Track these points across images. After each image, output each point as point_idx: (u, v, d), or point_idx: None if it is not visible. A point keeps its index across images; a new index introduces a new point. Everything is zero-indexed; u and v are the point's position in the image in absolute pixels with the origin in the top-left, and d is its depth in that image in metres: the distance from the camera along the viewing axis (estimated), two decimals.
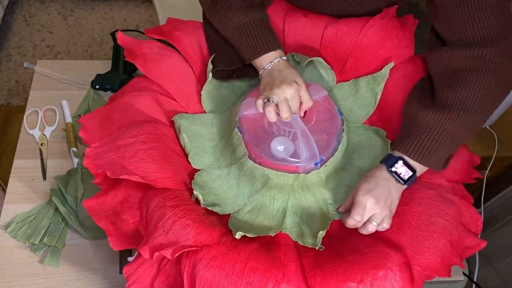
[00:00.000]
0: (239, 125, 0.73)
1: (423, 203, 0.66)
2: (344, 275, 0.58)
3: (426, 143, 0.66)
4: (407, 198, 0.68)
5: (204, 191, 0.70)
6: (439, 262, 0.62)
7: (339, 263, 0.60)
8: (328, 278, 0.58)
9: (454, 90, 0.67)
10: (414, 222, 0.65)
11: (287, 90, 0.67)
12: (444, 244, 0.63)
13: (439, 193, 0.68)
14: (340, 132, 0.74)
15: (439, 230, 0.64)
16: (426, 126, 0.67)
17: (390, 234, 0.65)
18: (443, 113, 0.66)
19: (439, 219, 0.64)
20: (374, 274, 0.57)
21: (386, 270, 0.58)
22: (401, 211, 0.67)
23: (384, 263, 0.58)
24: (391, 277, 0.57)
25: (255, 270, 0.58)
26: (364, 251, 0.61)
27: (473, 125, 0.66)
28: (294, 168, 0.69)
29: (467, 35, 0.67)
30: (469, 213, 0.68)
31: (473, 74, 0.66)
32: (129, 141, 0.66)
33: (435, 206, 0.66)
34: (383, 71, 0.80)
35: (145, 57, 0.79)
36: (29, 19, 2.08)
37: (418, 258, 0.62)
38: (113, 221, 0.65)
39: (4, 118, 1.75)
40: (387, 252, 0.60)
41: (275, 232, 0.68)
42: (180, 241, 0.58)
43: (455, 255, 0.64)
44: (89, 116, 0.74)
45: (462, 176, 0.73)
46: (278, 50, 0.75)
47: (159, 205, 0.62)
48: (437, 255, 0.62)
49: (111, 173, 0.61)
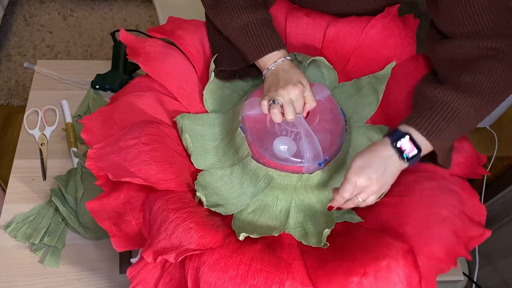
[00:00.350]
0: (242, 125, 0.72)
1: (425, 194, 0.66)
2: (347, 270, 0.57)
3: (437, 120, 0.64)
4: (409, 190, 0.68)
5: (207, 191, 0.69)
6: (443, 251, 0.62)
7: (342, 260, 0.60)
8: (333, 276, 0.58)
9: (470, 73, 0.66)
10: (416, 213, 0.64)
11: (292, 91, 0.67)
12: (448, 233, 0.62)
13: (442, 184, 0.68)
14: (343, 132, 0.74)
15: (442, 220, 0.63)
16: (439, 103, 0.65)
17: (393, 226, 0.65)
18: (458, 93, 0.65)
19: (441, 209, 0.64)
20: (377, 265, 0.57)
21: (389, 260, 0.57)
22: (404, 202, 0.67)
23: (386, 253, 0.58)
24: (394, 266, 0.56)
25: (259, 272, 0.57)
26: (366, 245, 0.61)
27: (483, 110, 0.66)
28: (298, 168, 0.69)
29: (469, 29, 0.67)
30: (472, 204, 0.68)
31: (488, 61, 0.66)
32: (131, 142, 0.65)
33: (437, 196, 0.66)
34: (385, 70, 0.80)
35: (147, 56, 0.78)
36: (29, 19, 2.08)
37: (422, 248, 0.61)
38: (116, 222, 0.65)
39: (4, 118, 1.75)
40: (389, 242, 0.59)
41: (279, 232, 0.67)
42: (184, 245, 0.58)
43: (460, 245, 0.63)
44: (91, 117, 0.74)
45: (465, 171, 0.73)
46: (282, 50, 0.74)
47: (162, 208, 0.61)
48: (441, 244, 0.62)
49: (113, 176, 0.61)
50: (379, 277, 0.56)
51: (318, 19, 0.84)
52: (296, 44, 0.86)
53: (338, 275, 0.58)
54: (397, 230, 0.64)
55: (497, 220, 1.21)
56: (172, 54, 0.80)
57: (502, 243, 1.21)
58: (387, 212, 0.67)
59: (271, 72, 0.73)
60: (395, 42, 0.81)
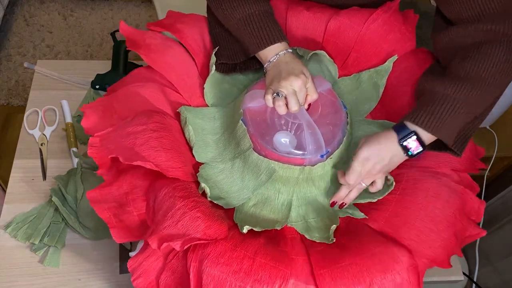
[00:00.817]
0: (243, 118, 0.72)
1: (429, 195, 0.66)
2: (353, 278, 0.58)
3: (441, 113, 0.65)
4: (412, 189, 0.68)
5: (209, 184, 0.69)
6: (444, 254, 0.62)
7: (348, 264, 0.59)
8: (338, 280, 0.58)
9: (468, 62, 0.66)
10: (421, 214, 0.65)
11: (294, 82, 0.67)
12: (449, 236, 0.63)
13: (444, 183, 0.68)
14: (345, 125, 0.74)
15: (446, 223, 0.64)
16: (440, 97, 0.66)
17: (397, 228, 0.65)
18: (458, 84, 0.65)
19: (445, 211, 0.64)
20: (384, 277, 0.57)
21: (394, 274, 0.57)
22: (407, 202, 0.67)
23: (393, 266, 0.58)
24: (399, 281, 0.57)
25: (263, 267, 0.57)
26: (373, 252, 0.61)
27: (486, 96, 0.66)
28: (300, 161, 0.69)
29: (476, 11, 0.66)
30: (471, 201, 0.68)
31: (486, 46, 0.66)
32: (139, 128, 0.64)
33: (440, 197, 0.66)
34: (386, 64, 0.80)
35: (148, 47, 0.78)
36: (29, 19, 2.08)
37: (426, 251, 0.62)
38: (116, 213, 0.64)
39: (4, 118, 1.74)
40: (395, 254, 0.60)
41: (281, 225, 0.67)
42: (190, 233, 0.57)
43: (457, 246, 0.64)
44: (91, 105, 0.73)
45: (466, 166, 0.73)
46: (284, 43, 0.74)
47: (169, 195, 0.60)
48: (443, 247, 0.62)
49: (124, 159, 0.59)
50: None
51: (318, 13, 0.84)
52: (297, 38, 0.85)
53: (344, 280, 0.58)
54: (401, 232, 0.64)
55: (497, 220, 1.21)
56: (172, 47, 0.79)
57: (502, 243, 1.21)
58: (390, 211, 0.67)
59: (273, 65, 0.72)
60: (396, 36, 0.81)
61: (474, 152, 0.75)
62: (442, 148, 0.70)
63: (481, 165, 0.76)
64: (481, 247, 1.14)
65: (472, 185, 0.72)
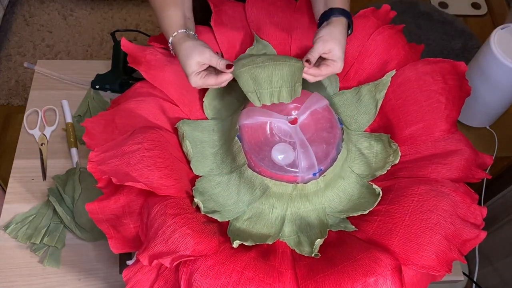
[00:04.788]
0: (239, 134, 0.73)
1: (415, 200, 0.66)
2: (335, 283, 0.58)
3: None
4: (400, 196, 0.68)
5: (205, 197, 0.70)
6: (434, 259, 0.61)
7: (331, 272, 0.60)
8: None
9: None
10: (406, 220, 0.64)
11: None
12: (439, 240, 0.62)
13: (433, 188, 0.67)
14: (339, 142, 0.74)
15: (432, 226, 0.63)
16: None
17: (383, 235, 0.65)
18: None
19: (431, 215, 0.64)
20: (365, 281, 0.57)
21: (376, 276, 0.57)
22: (393, 209, 0.67)
23: (374, 269, 0.58)
24: (382, 282, 0.57)
25: (251, 281, 0.58)
26: (356, 258, 0.61)
27: None
28: (292, 178, 0.70)
29: None
30: (465, 204, 0.67)
31: None
32: (134, 147, 0.66)
33: (427, 201, 0.65)
34: (384, 78, 0.80)
35: (149, 64, 0.79)
36: (29, 19, 2.08)
37: (413, 257, 0.61)
38: (114, 224, 0.66)
39: (4, 118, 1.75)
40: (378, 257, 0.60)
41: (273, 240, 0.68)
42: (179, 250, 0.59)
43: (452, 250, 0.63)
44: (93, 120, 0.74)
45: (460, 175, 0.72)
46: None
47: (160, 212, 0.62)
48: (432, 251, 0.61)
49: (116, 180, 0.62)
50: None
51: None
52: (301, 49, 0.86)
53: (326, 287, 0.58)
54: (387, 238, 0.64)
55: (497, 220, 1.21)
56: (172, 62, 0.80)
57: (502, 243, 1.21)
58: (378, 220, 0.67)
59: None
60: (399, 53, 0.82)
61: (472, 161, 0.74)
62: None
63: (482, 174, 0.74)
64: (481, 247, 1.14)
65: (466, 190, 0.71)
